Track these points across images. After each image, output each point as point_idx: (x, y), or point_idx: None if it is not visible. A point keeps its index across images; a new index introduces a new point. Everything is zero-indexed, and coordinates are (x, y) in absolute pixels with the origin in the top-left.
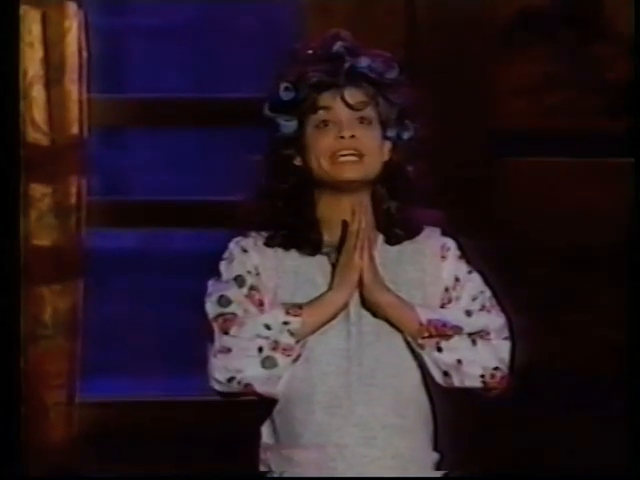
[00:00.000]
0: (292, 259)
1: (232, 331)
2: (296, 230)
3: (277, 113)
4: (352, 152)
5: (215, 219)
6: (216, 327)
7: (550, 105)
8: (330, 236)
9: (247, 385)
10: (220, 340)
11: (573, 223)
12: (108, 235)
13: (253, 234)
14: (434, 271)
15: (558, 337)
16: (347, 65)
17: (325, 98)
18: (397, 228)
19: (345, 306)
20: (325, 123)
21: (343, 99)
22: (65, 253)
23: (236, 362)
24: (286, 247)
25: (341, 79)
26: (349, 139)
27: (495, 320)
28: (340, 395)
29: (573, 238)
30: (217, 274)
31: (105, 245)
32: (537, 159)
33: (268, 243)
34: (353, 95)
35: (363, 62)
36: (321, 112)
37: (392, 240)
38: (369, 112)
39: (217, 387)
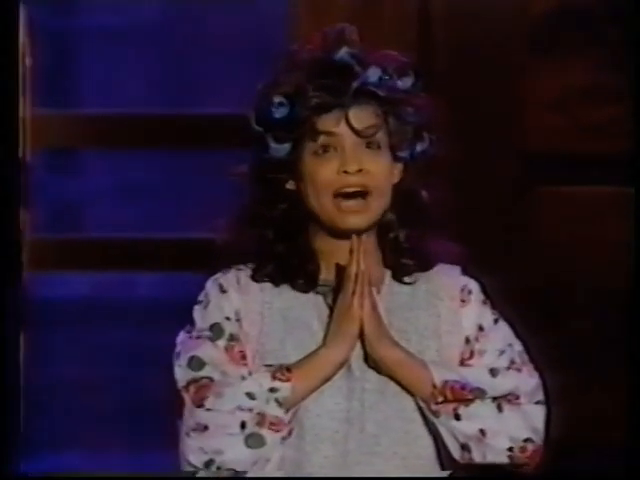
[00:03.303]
0: (282, 300)
1: (208, 403)
2: (288, 260)
3: (266, 129)
4: (357, 190)
5: (186, 260)
6: (187, 398)
7: (594, 123)
8: (328, 273)
9: (229, 470)
10: (193, 415)
11: (622, 263)
12: (54, 280)
13: (235, 268)
14: (452, 318)
15: (603, 400)
16: (356, 84)
17: (327, 122)
18: (406, 258)
19: (342, 365)
20: (325, 149)
21: (349, 123)
22: (2, 302)
23: (214, 442)
24: (276, 281)
25: (346, 99)
26: (354, 174)
27: (526, 381)
28: (338, 466)
29: (622, 281)
30: (190, 322)
31: (51, 293)
32: (579, 187)
33: (255, 276)
34: (360, 118)
35: (373, 75)
36: (321, 137)
37: (400, 272)
38: (377, 135)
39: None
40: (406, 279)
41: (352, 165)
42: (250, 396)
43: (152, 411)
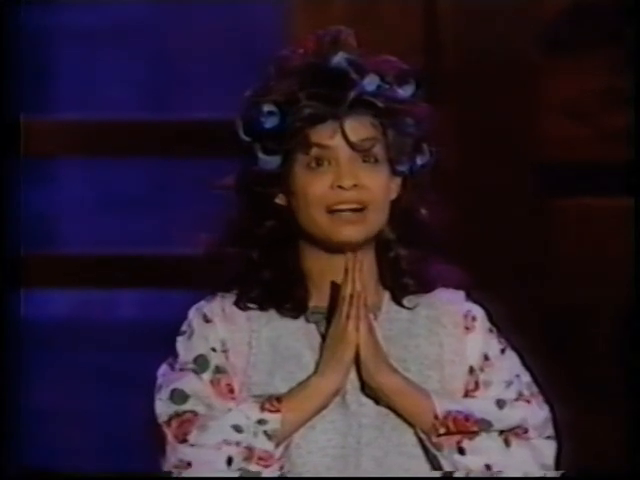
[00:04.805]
0: (271, 329)
1: (191, 438)
2: (275, 284)
3: (255, 139)
4: (353, 207)
5: (173, 277)
6: (169, 433)
7: (613, 130)
8: (320, 298)
9: None
10: (176, 451)
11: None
12: (34, 299)
13: (220, 295)
14: (455, 346)
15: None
16: (352, 94)
17: (320, 134)
18: (406, 277)
19: (337, 394)
20: (319, 162)
21: (344, 135)
22: None
23: None
24: (262, 306)
25: (342, 110)
26: (350, 190)
27: (536, 413)
28: None
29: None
30: (173, 353)
31: (30, 313)
32: (596, 199)
33: (239, 303)
34: (357, 130)
35: (371, 84)
36: (314, 150)
37: (400, 293)
38: (375, 148)
39: None
40: (406, 302)
41: (347, 180)
42: (237, 429)
43: (138, 438)
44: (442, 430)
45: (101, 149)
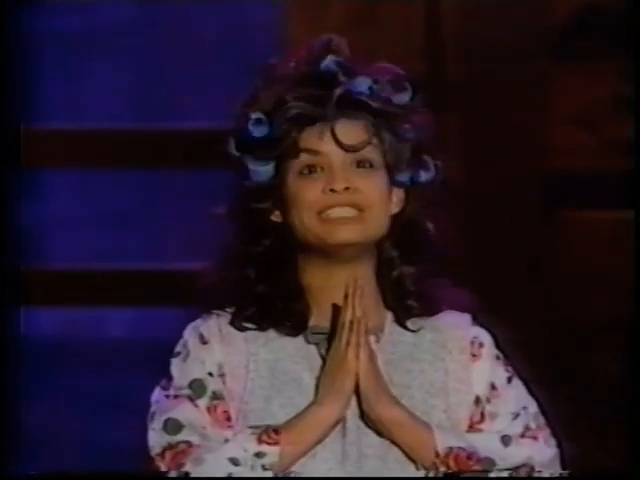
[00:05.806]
0: (269, 351)
1: (185, 470)
2: (272, 300)
3: (246, 153)
4: (346, 210)
5: (165, 294)
6: (163, 466)
7: (622, 140)
8: (320, 316)
9: None
10: None
11: None
12: (21, 317)
13: (216, 313)
14: (461, 374)
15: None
16: (339, 91)
17: (309, 137)
18: (411, 299)
19: (337, 424)
20: (311, 168)
21: (334, 137)
22: None
23: None
24: (259, 325)
25: (330, 109)
26: (343, 192)
27: (543, 450)
28: None
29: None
30: (167, 375)
31: (24, 330)
32: (604, 211)
33: (235, 322)
34: (348, 131)
35: (361, 84)
36: (305, 156)
37: (404, 315)
38: (370, 152)
39: None
40: (409, 325)
41: (339, 183)
42: (234, 462)
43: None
44: (442, 468)
45: (90, 160)
